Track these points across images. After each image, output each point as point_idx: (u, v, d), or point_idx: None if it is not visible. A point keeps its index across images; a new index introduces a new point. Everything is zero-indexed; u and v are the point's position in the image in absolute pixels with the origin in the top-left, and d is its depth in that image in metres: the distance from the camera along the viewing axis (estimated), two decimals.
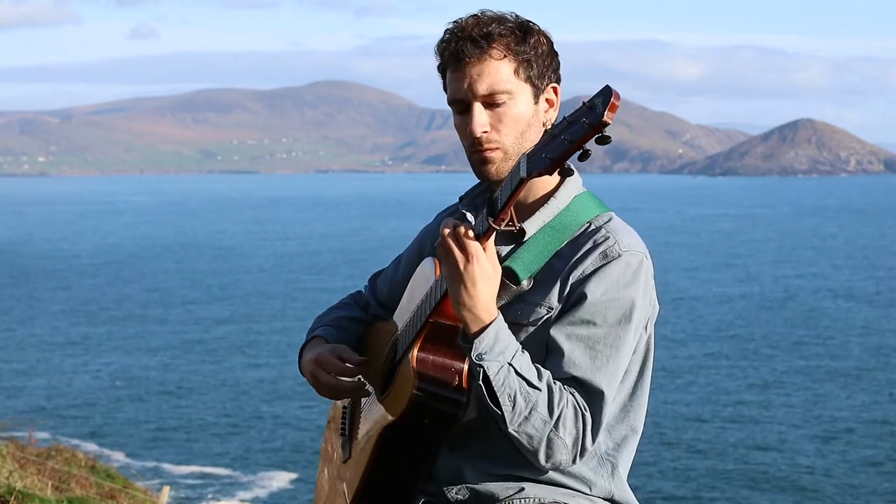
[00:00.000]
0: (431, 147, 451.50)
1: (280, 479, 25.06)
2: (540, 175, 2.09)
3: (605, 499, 2.47)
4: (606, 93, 2.01)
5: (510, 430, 2.28)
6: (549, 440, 2.28)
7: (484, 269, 2.23)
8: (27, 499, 9.93)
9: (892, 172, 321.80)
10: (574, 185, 2.47)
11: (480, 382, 2.26)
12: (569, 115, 2.07)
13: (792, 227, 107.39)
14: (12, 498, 9.51)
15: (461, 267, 2.23)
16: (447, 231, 2.26)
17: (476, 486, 2.43)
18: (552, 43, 2.44)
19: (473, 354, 2.25)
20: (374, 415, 2.53)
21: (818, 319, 47.52)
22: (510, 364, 2.26)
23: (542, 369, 2.31)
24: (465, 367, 2.33)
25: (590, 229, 2.40)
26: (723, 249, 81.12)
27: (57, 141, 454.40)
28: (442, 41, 2.42)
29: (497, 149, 2.38)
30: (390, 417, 2.39)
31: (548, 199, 2.43)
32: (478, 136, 2.37)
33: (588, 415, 2.31)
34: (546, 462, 2.31)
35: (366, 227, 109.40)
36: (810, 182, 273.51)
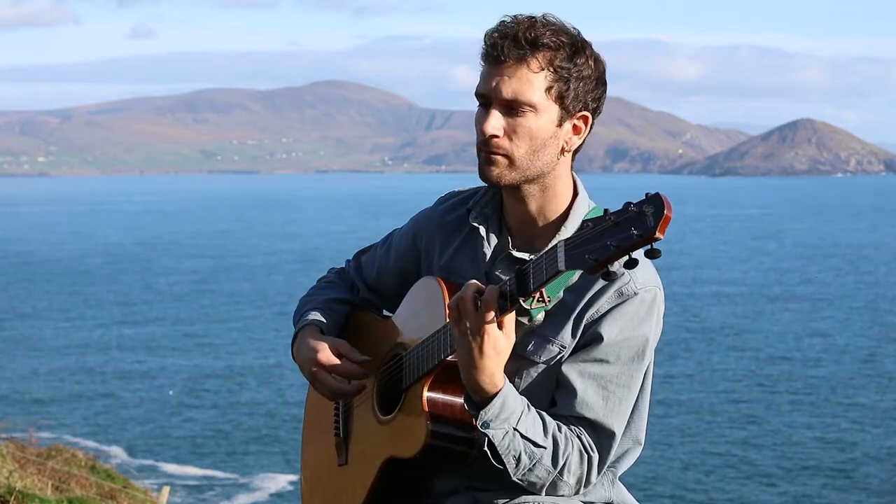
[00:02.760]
0: (431, 147, 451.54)
1: (279, 481, 25.03)
2: (577, 270, 2.06)
3: None
4: (658, 203, 1.93)
5: (514, 478, 2.31)
6: (553, 483, 2.32)
7: (495, 344, 2.19)
8: (27, 499, 9.92)
9: (892, 172, 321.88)
10: (582, 206, 2.42)
11: (486, 449, 2.27)
12: (614, 213, 1.99)
13: (780, 227, 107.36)
14: (12, 498, 9.50)
15: (471, 339, 2.19)
16: (466, 300, 2.19)
17: (475, 497, 2.44)
18: (603, 72, 2.36)
19: (479, 423, 2.25)
20: (375, 434, 2.51)
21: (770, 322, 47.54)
22: (515, 429, 2.25)
23: (547, 421, 2.31)
24: None
25: None
26: (709, 249, 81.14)
27: (57, 141, 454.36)
28: (491, 31, 2.33)
29: (504, 156, 2.33)
30: (401, 454, 2.39)
31: (559, 227, 2.38)
32: (487, 136, 2.33)
33: (595, 455, 2.34)
34: (545, 497, 2.37)
35: (365, 227, 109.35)
36: (810, 182, 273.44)
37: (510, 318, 2.22)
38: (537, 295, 2.13)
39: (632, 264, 1.97)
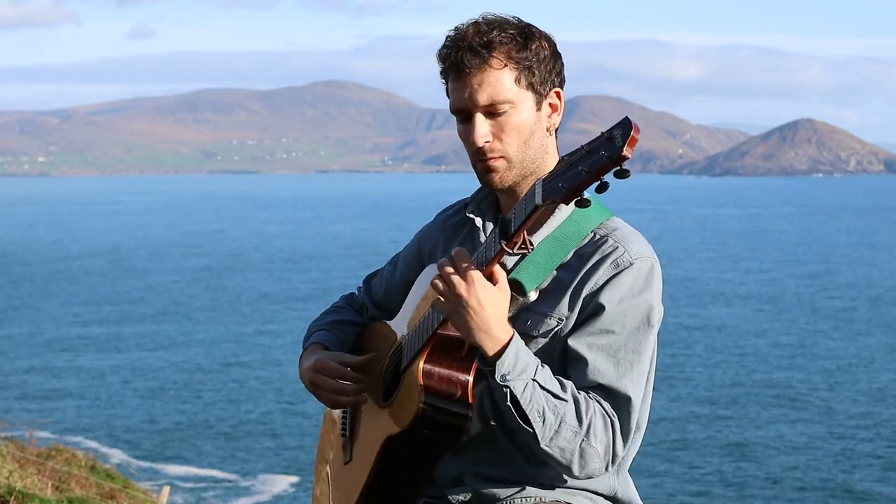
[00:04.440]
0: (431, 147, 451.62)
1: (280, 483, 25.02)
2: (555, 204, 2.10)
3: (608, 496, 2.45)
4: (626, 125, 2.00)
5: (542, 445, 2.26)
6: (582, 450, 2.27)
7: (487, 291, 2.22)
8: (27, 499, 9.93)
9: (892, 172, 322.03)
10: None
11: (509, 403, 2.24)
12: (587, 143, 2.07)
13: (779, 227, 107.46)
14: (12, 498, 9.51)
15: (464, 294, 2.22)
16: (444, 264, 2.25)
17: (477, 488, 2.42)
18: (555, 46, 2.43)
19: (497, 377, 2.23)
20: (376, 421, 2.51)
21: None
22: (534, 380, 2.25)
23: (564, 381, 2.30)
24: (471, 379, 2.33)
25: (595, 238, 2.39)
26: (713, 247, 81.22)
27: (57, 141, 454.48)
28: (443, 49, 2.41)
29: (500, 157, 2.38)
30: (396, 428, 2.39)
31: (552, 210, 2.41)
32: (480, 146, 2.38)
33: (617, 421, 2.31)
34: (580, 473, 2.30)
35: (365, 227, 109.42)
36: (810, 182, 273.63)
37: (500, 273, 2.26)
38: (520, 240, 2.17)
39: (603, 188, 2.04)
